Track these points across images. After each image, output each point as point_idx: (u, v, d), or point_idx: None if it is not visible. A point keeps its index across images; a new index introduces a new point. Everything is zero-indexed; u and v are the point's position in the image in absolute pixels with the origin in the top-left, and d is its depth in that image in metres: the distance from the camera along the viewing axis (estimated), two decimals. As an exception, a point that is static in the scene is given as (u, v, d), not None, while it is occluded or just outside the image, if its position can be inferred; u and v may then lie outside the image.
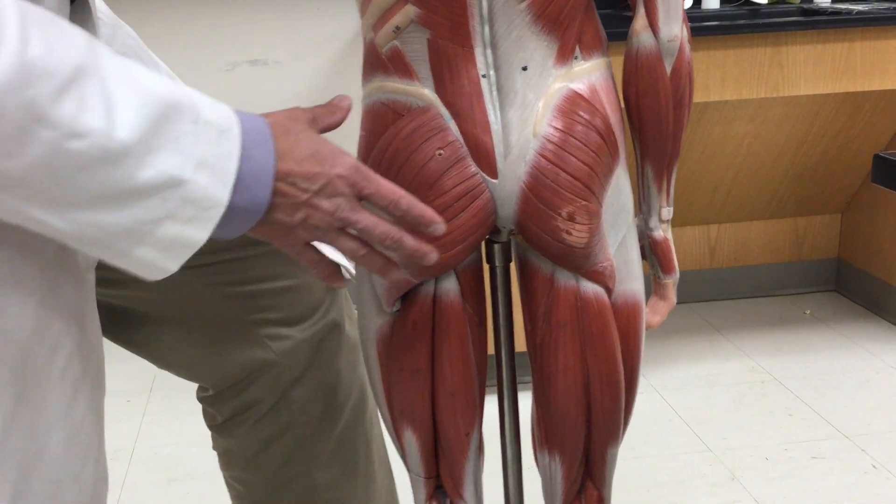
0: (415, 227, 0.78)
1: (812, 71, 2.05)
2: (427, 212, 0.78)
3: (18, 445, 0.72)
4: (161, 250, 0.68)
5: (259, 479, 1.09)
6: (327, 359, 1.04)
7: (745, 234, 2.75)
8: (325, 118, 0.79)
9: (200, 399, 1.10)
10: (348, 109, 0.81)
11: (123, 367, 1.07)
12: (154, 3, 2.30)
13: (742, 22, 2.10)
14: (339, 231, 0.76)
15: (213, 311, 0.97)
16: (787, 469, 1.90)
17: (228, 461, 1.11)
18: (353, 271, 0.98)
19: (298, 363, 1.03)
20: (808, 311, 2.69)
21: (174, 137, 0.65)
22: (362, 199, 0.76)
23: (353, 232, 0.77)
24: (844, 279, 2.80)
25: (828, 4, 2.34)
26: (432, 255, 0.79)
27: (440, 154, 0.83)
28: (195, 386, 1.11)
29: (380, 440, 1.16)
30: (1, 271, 0.70)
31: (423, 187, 0.84)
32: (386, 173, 0.84)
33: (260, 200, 0.71)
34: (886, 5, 2.24)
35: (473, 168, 0.84)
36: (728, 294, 2.78)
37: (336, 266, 0.81)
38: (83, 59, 0.62)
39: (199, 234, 0.69)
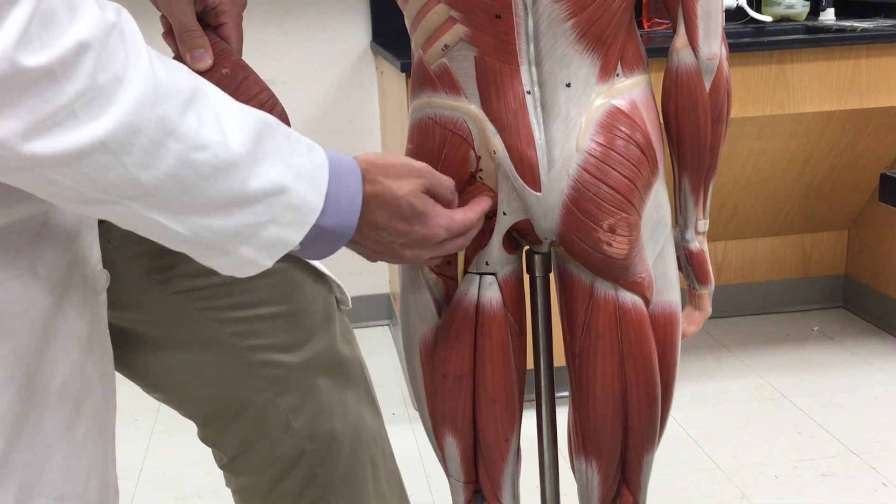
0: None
1: (817, 88, 2.06)
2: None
3: (20, 460, 0.74)
4: (261, 250, 0.74)
5: None
6: (324, 384, 1.04)
7: (752, 251, 2.74)
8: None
9: (203, 440, 1.10)
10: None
11: (131, 387, 1.08)
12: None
13: (747, 40, 2.12)
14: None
15: (207, 337, 0.98)
16: (796, 487, 1.89)
17: (245, 497, 1.11)
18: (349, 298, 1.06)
19: (294, 391, 1.02)
20: (815, 328, 2.69)
21: (274, 150, 0.72)
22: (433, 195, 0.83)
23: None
24: (852, 296, 2.79)
25: (832, 22, 2.35)
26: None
27: None
28: None
29: (388, 457, 1.15)
30: (12, 292, 0.72)
31: None
32: None
33: (350, 224, 0.78)
34: (891, 23, 2.25)
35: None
36: (735, 311, 2.78)
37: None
38: (192, 82, 0.68)
39: (295, 236, 0.75)
